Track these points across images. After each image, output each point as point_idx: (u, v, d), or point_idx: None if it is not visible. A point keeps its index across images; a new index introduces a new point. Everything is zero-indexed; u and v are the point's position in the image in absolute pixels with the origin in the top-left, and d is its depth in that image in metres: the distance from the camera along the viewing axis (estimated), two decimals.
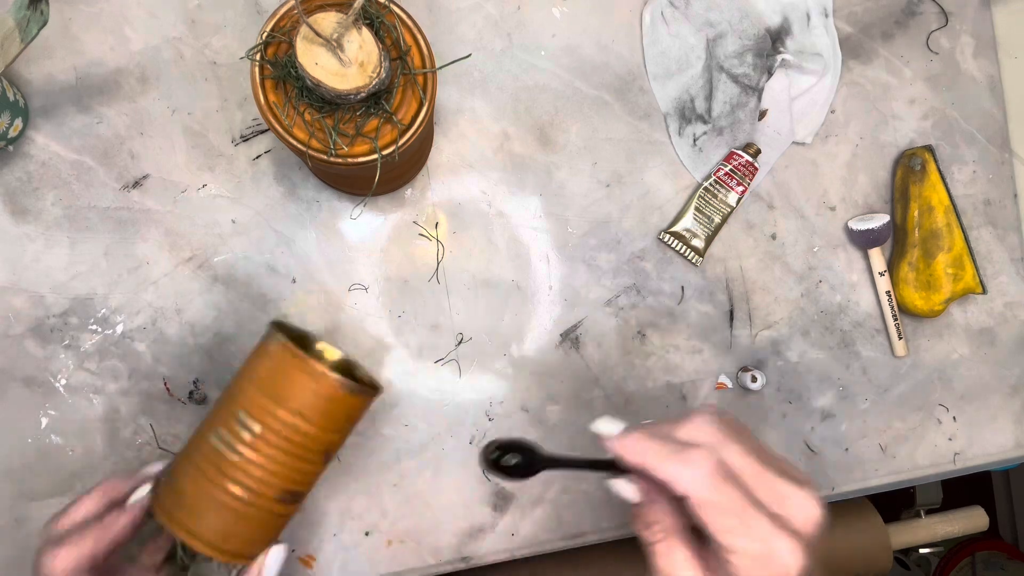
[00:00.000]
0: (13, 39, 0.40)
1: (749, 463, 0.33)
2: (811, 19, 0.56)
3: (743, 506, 0.31)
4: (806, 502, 0.32)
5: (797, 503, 0.32)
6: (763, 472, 0.33)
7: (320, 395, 0.38)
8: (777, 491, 0.33)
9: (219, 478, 0.38)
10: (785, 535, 0.31)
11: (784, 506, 0.32)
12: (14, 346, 0.49)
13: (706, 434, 0.34)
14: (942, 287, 0.56)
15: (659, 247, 0.55)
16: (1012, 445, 0.60)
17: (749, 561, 0.31)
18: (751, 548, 0.31)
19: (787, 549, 0.31)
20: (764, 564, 0.31)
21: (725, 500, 0.31)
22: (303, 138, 0.38)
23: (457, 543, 0.53)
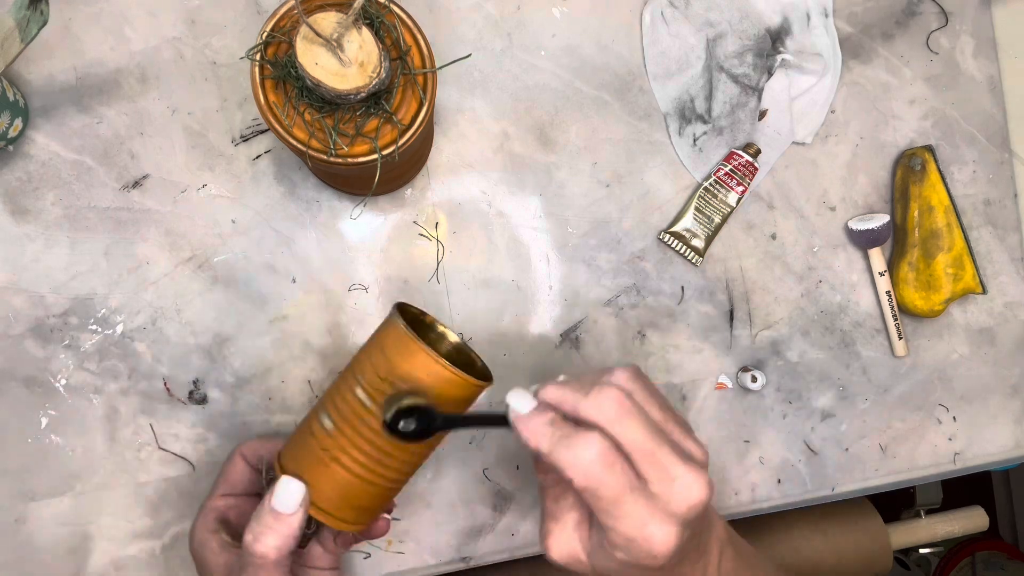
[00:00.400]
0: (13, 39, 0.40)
1: (643, 439, 0.34)
2: (811, 19, 0.56)
3: (623, 492, 0.33)
4: (692, 483, 0.33)
5: (682, 484, 0.33)
6: (655, 450, 0.34)
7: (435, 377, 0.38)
8: (666, 470, 0.33)
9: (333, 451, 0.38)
10: (659, 519, 0.33)
11: (669, 486, 0.33)
12: (14, 346, 0.49)
13: (606, 411, 0.34)
14: (942, 287, 0.56)
15: (659, 247, 0.55)
16: (1012, 445, 0.60)
17: (624, 540, 0.33)
18: (623, 530, 0.33)
19: (660, 533, 0.33)
20: (637, 544, 0.33)
21: (605, 486, 0.33)
22: (303, 138, 0.38)
23: (457, 543, 0.53)
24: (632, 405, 0.34)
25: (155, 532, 0.50)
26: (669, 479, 0.33)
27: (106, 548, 0.50)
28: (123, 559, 0.50)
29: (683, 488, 0.33)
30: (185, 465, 0.50)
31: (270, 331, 0.51)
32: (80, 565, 0.49)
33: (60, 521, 0.49)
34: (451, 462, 0.53)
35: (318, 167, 0.44)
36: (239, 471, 0.44)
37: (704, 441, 0.56)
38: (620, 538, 0.33)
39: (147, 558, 0.50)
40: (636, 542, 0.33)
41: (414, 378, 0.37)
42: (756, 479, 0.56)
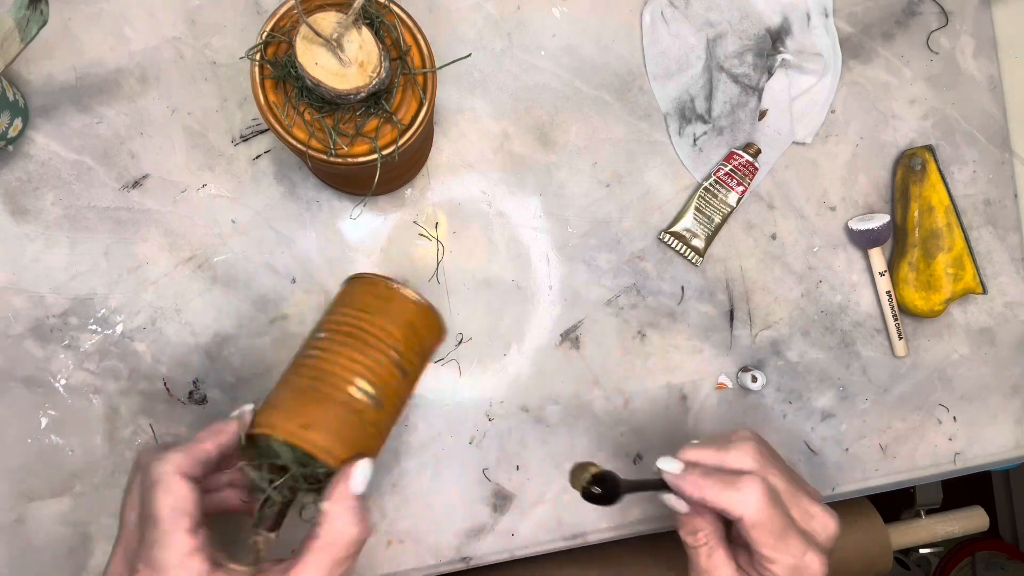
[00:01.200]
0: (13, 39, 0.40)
1: (785, 485, 0.40)
2: (811, 19, 0.56)
3: (784, 526, 0.39)
4: (826, 519, 0.41)
5: (820, 520, 0.40)
6: (795, 493, 0.40)
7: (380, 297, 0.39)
8: (805, 510, 0.40)
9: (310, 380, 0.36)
10: (813, 550, 0.39)
11: (810, 523, 0.40)
12: (14, 346, 0.49)
13: (751, 460, 0.40)
14: (942, 287, 0.56)
15: (659, 247, 0.55)
16: (1012, 445, 0.60)
17: (785, 571, 0.39)
18: (788, 561, 0.38)
19: (815, 562, 0.39)
20: (797, 573, 0.39)
21: (770, 521, 0.38)
22: (303, 138, 0.38)
23: (457, 543, 0.53)
24: (767, 453, 0.41)
25: None
26: (809, 516, 0.40)
27: (106, 548, 0.49)
28: None
29: (822, 522, 0.41)
30: None
31: (270, 331, 0.51)
32: (80, 565, 0.49)
33: (60, 521, 0.49)
34: (451, 462, 0.53)
35: (318, 167, 0.44)
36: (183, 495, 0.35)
37: None
38: (783, 569, 0.39)
39: None
40: (796, 570, 0.39)
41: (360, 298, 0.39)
42: None
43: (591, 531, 0.54)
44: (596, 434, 0.54)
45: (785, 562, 0.39)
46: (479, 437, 0.53)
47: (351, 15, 0.34)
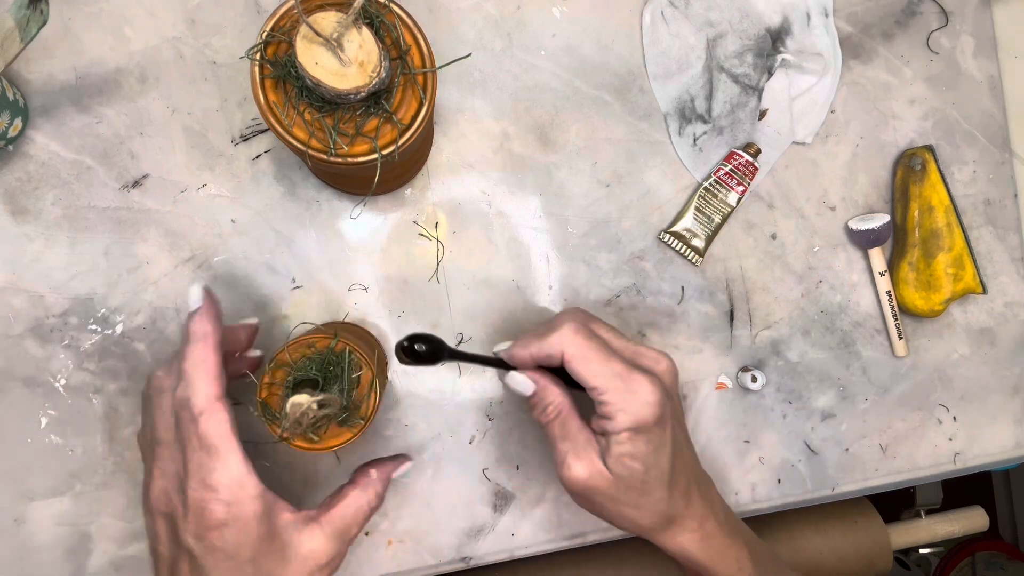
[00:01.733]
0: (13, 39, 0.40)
1: (608, 332, 0.42)
2: (811, 19, 0.56)
3: (605, 354, 0.40)
4: (658, 357, 0.42)
5: (650, 357, 0.42)
6: (621, 340, 0.42)
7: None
8: (632, 350, 0.42)
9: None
10: (638, 373, 0.39)
11: (638, 359, 0.42)
12: (14, 346, 0.49)
13: (568, 339, 0.40)
14: (942, 287, 0.56)
15: (659, 247, 0.55)
16: (1012, 445, 0.60)
17: (620, 398, 0.39)
18: (614, 384, 0.39)
19: (644, 382, 0.39)
20: (628, 398, 0.39)
21: (589, 351, 0.39)
22: (303, 138, 0.38)
23: (457, 543, 0.53)
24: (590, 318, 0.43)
25: None
26: (639, 355, 0.42)
27: (106, 548, 0.50)
28: (123, 559, 0.50)
29: (653, 359, 0.42)
30: None
31: (270, 331, 0.51)
32: (80, 565, 0.49)
33: (60, 521, 0.49)
34: (451, 462, 0.53)
35: (318, 167, 0.44)
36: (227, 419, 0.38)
37: (704, 441, 0.56)
38: (615, 397, 0.39)
39: (147, 558, 0.50)
40: (628, 396, 0.39)
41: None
42: (756, 479, 0.56)
43: (591, 531, 0.54)
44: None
45: (610, 385, 0.39)
46: (479, 437, 0.53)
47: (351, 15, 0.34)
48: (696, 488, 0.43)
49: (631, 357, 0.42)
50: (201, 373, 0.37)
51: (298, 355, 0.42)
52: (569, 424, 0.41)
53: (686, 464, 0.43)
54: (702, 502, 0.43)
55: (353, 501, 0.41)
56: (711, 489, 0.45)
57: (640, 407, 0.39)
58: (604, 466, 0.40)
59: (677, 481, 0.41)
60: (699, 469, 0.45)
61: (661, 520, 0.42)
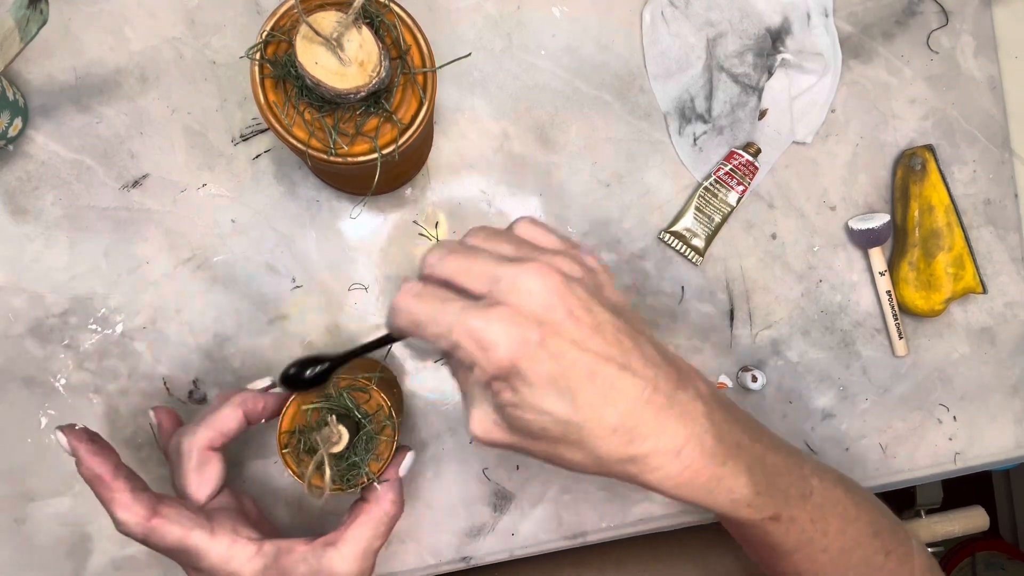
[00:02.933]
0: (13, 39, 0.40)
1: (462, 264, 0.32)
2: (811, 19, 0.56)
3: (435, 309, 0.31)
4: (518, 274, 0.30)
5: (507, 279, 0.30)
6: (474, 265, 0.32)
7: None
8: (488, 275, 0.31)
9: None
10: (475, 311, 0.30)
11: (493, 288, 0.31)
12: (14, 346, 0.49)
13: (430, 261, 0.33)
14: (942, 287, 0.56)
15: (659, 247, 0.55)
16: (1012, 445, 0.60)
17: (461, 351, 0.30)
18: (454, 337, 0.30)
19: (482, 322, 0.30)
20: (470, 348, 0.30)
21: (417, 313, 0.31)
22: (303, 137, 0.38)
23: (457, 543, 0.53)
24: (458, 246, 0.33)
25: None
26: (494, 280, 0.31)
27: (106, 548, 0.49)
28: (123, 559, 0.50)
29: (509, 280, 0.30)
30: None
31: (270, 331, 0.51)
32: (80, 565, 0.49)
33: (60, 521, 0.49)
34: (451, 462, 0.53)
35: (318, 167, 0.44)
36: (233, 420, 0.42)
37: None
38: (460, 351, 0.30)
39: (147, 558, 0.50)
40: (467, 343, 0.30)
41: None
42: None
43: (591, 531, 0.54)
44: None
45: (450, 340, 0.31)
46: None
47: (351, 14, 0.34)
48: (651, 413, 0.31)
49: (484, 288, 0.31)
50: (118, 510, 0.38)
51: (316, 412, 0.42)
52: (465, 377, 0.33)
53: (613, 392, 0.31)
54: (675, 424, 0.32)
55: (369, 519, 0.41)
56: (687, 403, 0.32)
57: (481, 354, 0.30)
58: (499, 418, 0.32)
59: (600, 418, 0.31)
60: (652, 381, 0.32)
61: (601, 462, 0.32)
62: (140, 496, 0.38)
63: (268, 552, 0.39)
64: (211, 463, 0.41)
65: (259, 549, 0.38)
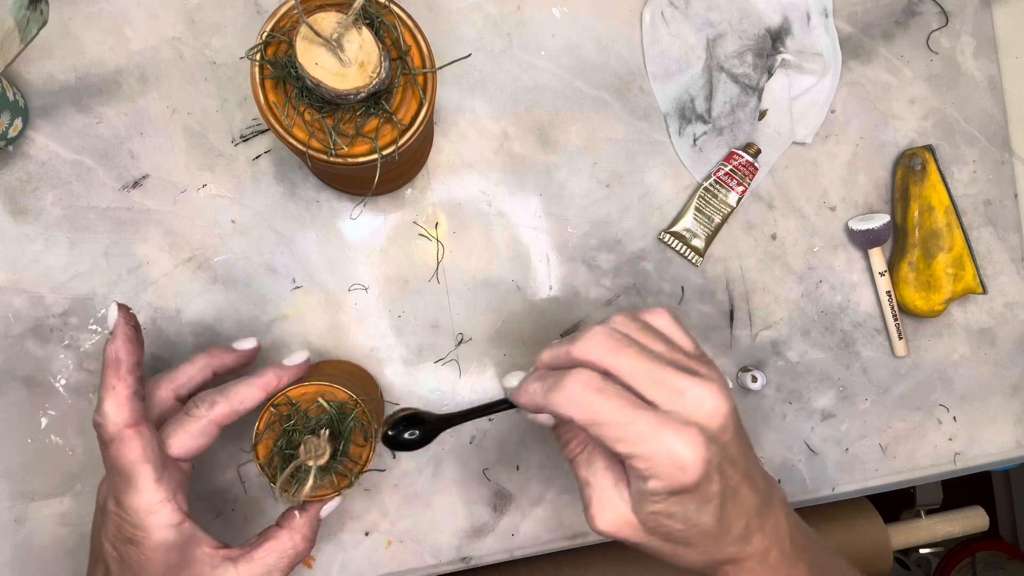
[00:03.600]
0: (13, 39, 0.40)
1: (639, 364, 0.33)
2: (811, 19, 0.56)
3: (624, 413, 0.31)
4: (703, 394, 0.32)
5: (693, 395, 0.32)
6: (655, 370, 0.32)
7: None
8: (672, 387, 0.32)
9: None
10: (674, 427, 0.31)
11: (679, 400, 0.32)
12: (14, 346, 0.49)
13: (596, 344, 0.33)
14: (942, 287, 0.56)
15: (659, 247, 0.55)
16: (1012, 445, 0.60)
17: (648, 464, 0.31)
18: (642, 450, 0.31)
19: (677, 443, 0.31)
20: (663, 464, 0.31)
21: (602, 413, 0.31)
22: (303, 138, 0.38)
23: (457, 543, 0.53)
24: (623, 338, 0.33)
25: None
26: (678, 394, 0.32)
27: None
28: None
29: (695, 398, 0.32)
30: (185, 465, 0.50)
31: (270, 331, 0.51)
32: (80, 565, 0.49)
33: (60, 521, 0.49)
34: (451, 462, 0.53)
35: (318, 167, 0.44)
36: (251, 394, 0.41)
37: None
38: (644, 462, 0.31)
39: None
40: (659, 459, 0.31)
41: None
42: None
43: (591, 531, 0.54)
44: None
45: (641, 453, 0.31)
46: (479, 437, 0.53)
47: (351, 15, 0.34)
48: (757, 522, 0.35)
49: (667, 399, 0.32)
50: (110, 400, 0.36)
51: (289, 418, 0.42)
52: (595, 462, 0.35)
53: (743, 506, 0.35)
54: (764, 536, 0.36)
55: (277, 545, 0.40)
56: (777, 513, 0.37)
57: (673, 471, 0.31)
58: (635, 518, 0.34)
59: (730, 529, 0.34)
60: (763, 494, 0.36)
61: (711, 563, 0.36)
62: (135, 402, 0.37)
63: (186, 531, 0.38)
64: (208, 434, 0.40)
65: (181, 522, 0.38)
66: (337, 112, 0.38)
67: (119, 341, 0.37)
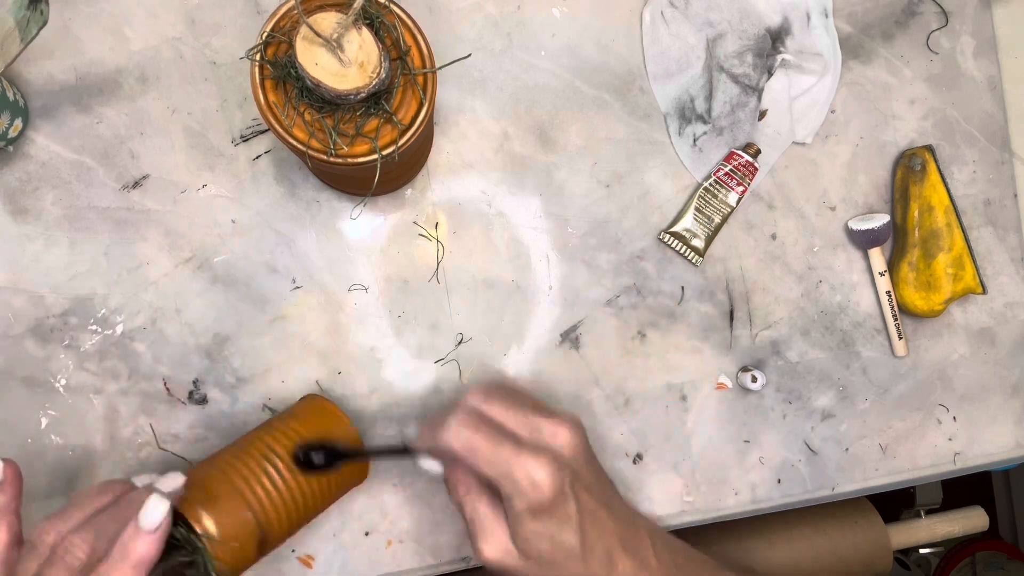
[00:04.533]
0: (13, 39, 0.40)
1: (502, 409, 0.40)
2: (811, 19, 0.56)
3: (491, 443, 0.38)
4: (556, 429, 0.39)
5: (548, 430, 0.39)
6: (515, 412, 0.40)
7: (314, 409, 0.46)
8: (528, 424, 0.40)
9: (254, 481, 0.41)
10: (526, 454, 0.37)
11: (535, 435, 0.39)
12: (14, 346, 0.49)
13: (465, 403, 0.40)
14: (942, 287, 0.56)
15: (659, 247, 0.55)
16: (1012, 445, 0.60)
17: (512, 483, 0.37)
18: (505, 471, 0.37)
19: (533, 463, 0.37)
20: (519, 482, 0.37)
21: (476, 443, 0.38)
22: (303, 138, 0.38)
23: (457, 543, 0.53)
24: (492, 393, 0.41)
25: None
26: (536, 429, 0.39)
27: None
28: None
29: (550, 433, 0.39)
30: (185, 465, 0.50)
31: (270, 331, 0.51)
32: None
33: None
34: None
35: (318, 167, 0.44)
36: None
37: (704, 441, 0.56)
38: (508, 482, 0.37)
39: None
40: (519, 479, 0.37)
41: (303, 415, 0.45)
42: (756, 479, 0.56)
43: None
44: (596, 434, 0.54)
45: (503, 473, 0.37)
46: None
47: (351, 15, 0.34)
48: (621, 548, 0.40)
49: (528, 434, 0.39)
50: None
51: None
52: (478, 504, 0.40)
53: (602, 528, 0.40)
54: (631, 561, 0.40)
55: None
56: (641, 539, 0.42)
57: (531, 489, 0.37)
58: (513, 546, 0.39)
59: (593, 549, 0.39)
60: (625, 522, 0.42)
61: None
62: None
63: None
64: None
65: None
66: (337, 112, 0.38)
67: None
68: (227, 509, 0.39)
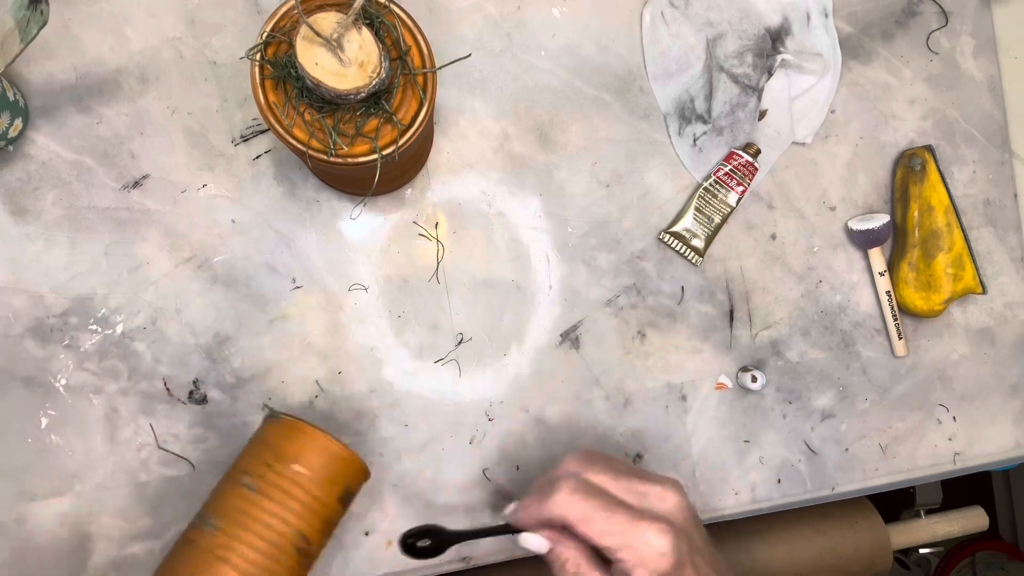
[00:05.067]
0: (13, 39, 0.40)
1: (607, 477, 0.40)
2: (811, 19, 0.56)
3: (607, 511, 0.37)
4: (663, 493, 0.39)
5: (655, 495, 0.39)
6: (623, 479, 0.40)
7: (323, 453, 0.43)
8: (636, 490, 0.39)
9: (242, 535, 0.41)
10: (646, 522, 0.37)
11: (644, 501, 0.39)
12: (14, 346, 0.49)
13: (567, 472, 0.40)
14: (942, 287, 0.56)
15: (659, 247, 0.55)
16: (1012, 445, 0.60)
17: (630, 554, 0.37)
18: (624, 541, 0.37)
19: (652, 532, 0.37)
20: (641, 551, 0.37)
21: (590, 511, 0.37)
22: (303, 138, 0.38)
23: None
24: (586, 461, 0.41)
25: (155, 532, 0.50)
26: (642, 495, 0.39)
27: (106, 548, 0.50)
28: (123, 559, 0.50)
29: (657, 496, 0.39)
30: (185, 465, 0.50)
31: (270, 331, 0.51)
32: (80, 565, 0.49)
33: (60, 521, 0.49)
34: (451, 462, 0.53)
35: (318, 167, 0.44)
36: None
37: (704, 441, 0.56)
38: (627, 552, 0.37)
39: (147, 558, 0.50)
40: (639, 548, 0.36)
41: (303, 457, 0.43)
42: (756, 479, 0.56)
43: None
44: (596, 434, 0.54)
45: (621, 543, 0.37)
46: (479, 437, 0.53)
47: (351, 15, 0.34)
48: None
49: (636, 500, 0.39)
50: None
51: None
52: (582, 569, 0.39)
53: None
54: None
55: None
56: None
57: (655, 559, 0.37)
58: None
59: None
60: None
61: None
62: None
63: None
64: None
65: None
66: (337, 112, 0.38)
67: None
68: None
